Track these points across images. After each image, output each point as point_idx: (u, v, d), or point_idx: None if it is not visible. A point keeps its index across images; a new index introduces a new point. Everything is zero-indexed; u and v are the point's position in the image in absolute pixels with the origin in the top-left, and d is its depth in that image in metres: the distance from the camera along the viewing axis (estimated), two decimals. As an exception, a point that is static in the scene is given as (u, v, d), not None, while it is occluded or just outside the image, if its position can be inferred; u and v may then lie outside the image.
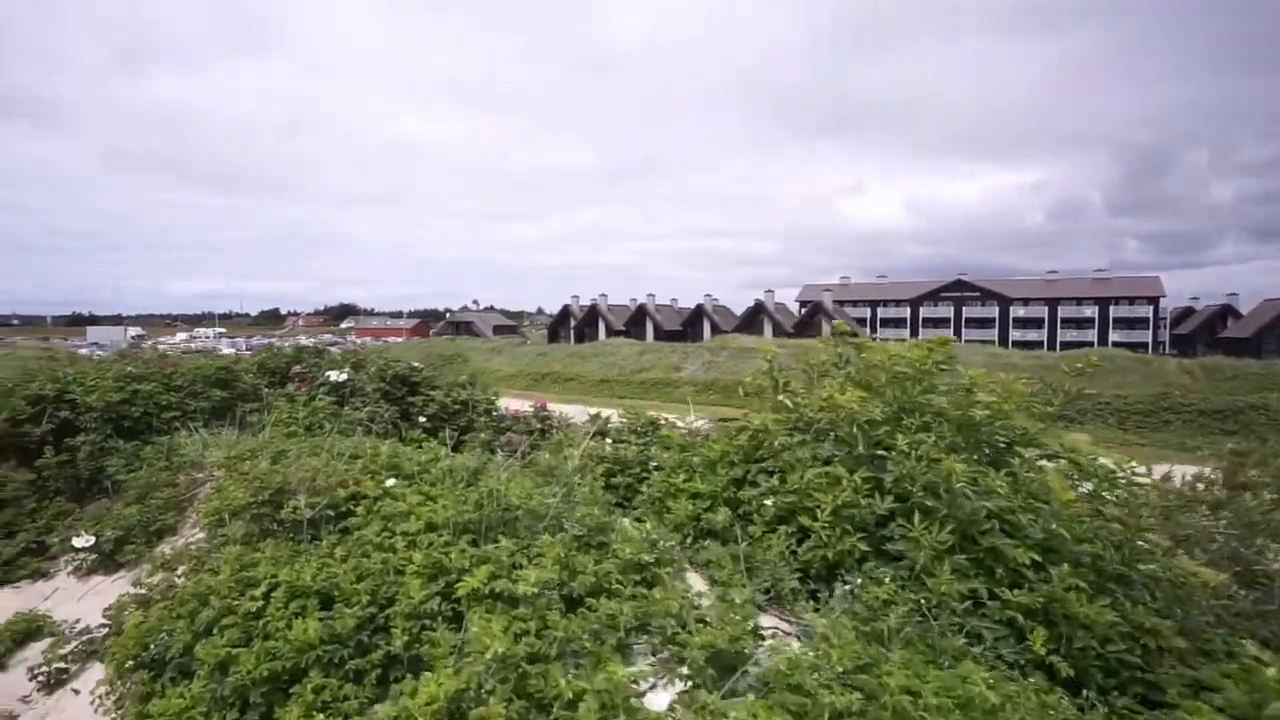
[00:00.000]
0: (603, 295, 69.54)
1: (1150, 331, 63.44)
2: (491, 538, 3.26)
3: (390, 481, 3.70)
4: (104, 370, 6.43)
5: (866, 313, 69.04)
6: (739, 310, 69.37)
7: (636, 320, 67.71)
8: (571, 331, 68.89)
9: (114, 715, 3.12)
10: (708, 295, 68.10)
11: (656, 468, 5.25)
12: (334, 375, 6.66)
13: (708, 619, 2.49)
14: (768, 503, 3.74)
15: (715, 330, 63.31)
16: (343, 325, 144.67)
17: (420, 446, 4.99)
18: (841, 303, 67.33)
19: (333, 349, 8.53)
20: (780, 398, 3.88)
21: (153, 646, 3.06)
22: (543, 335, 76.39)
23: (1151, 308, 64.81)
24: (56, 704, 3.70)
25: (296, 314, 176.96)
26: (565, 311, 72.22)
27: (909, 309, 71.45)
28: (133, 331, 55.26)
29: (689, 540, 3.64)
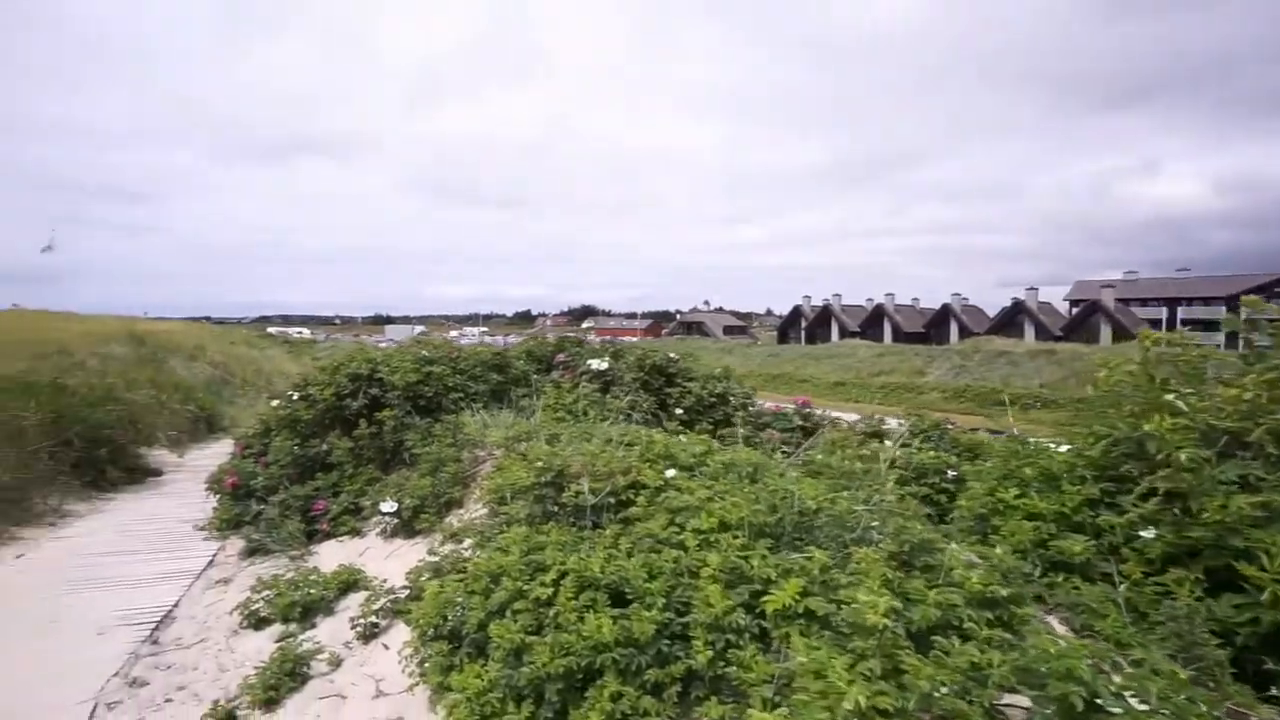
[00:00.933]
0: (836, 295, 65.91)
1: None
2: (789, 543, 2.82)
3: (670, 472, 3.43)
4: (405, 354, 7.22)
5: (1162, 313, 57.41)
6: (992, 310, 61.59)
7: (873, 321, 63.13)
8: (802, 333, 66.01)
9: (417, 678, 3.22)
10: (955, 294, 61.46)
11: (957, 478, 4.46)
12: (596, 364, 6.74)
13: (1131, 693, 1.78)
14: (1146, 534, 2.83)
15: (965, 332, 56.59)
16: (584, 325, 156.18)
17: (680, 437, 4.75)
18: (1127, 301, 56.85)
19: (590, 339, 8.78)
20: (1170, 398, 2.91)
21: (450, 618, 3.08)
22: (772, 336, 74.81)
23: None
24: (370, 655, 4.01)
25: (545, 315, 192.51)
26: (796, 312, 69.34)
27: (1224, 307, 58.05)
28: (418, 329, 64.66)
29: (1036, 572, 2.87)
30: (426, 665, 3.14)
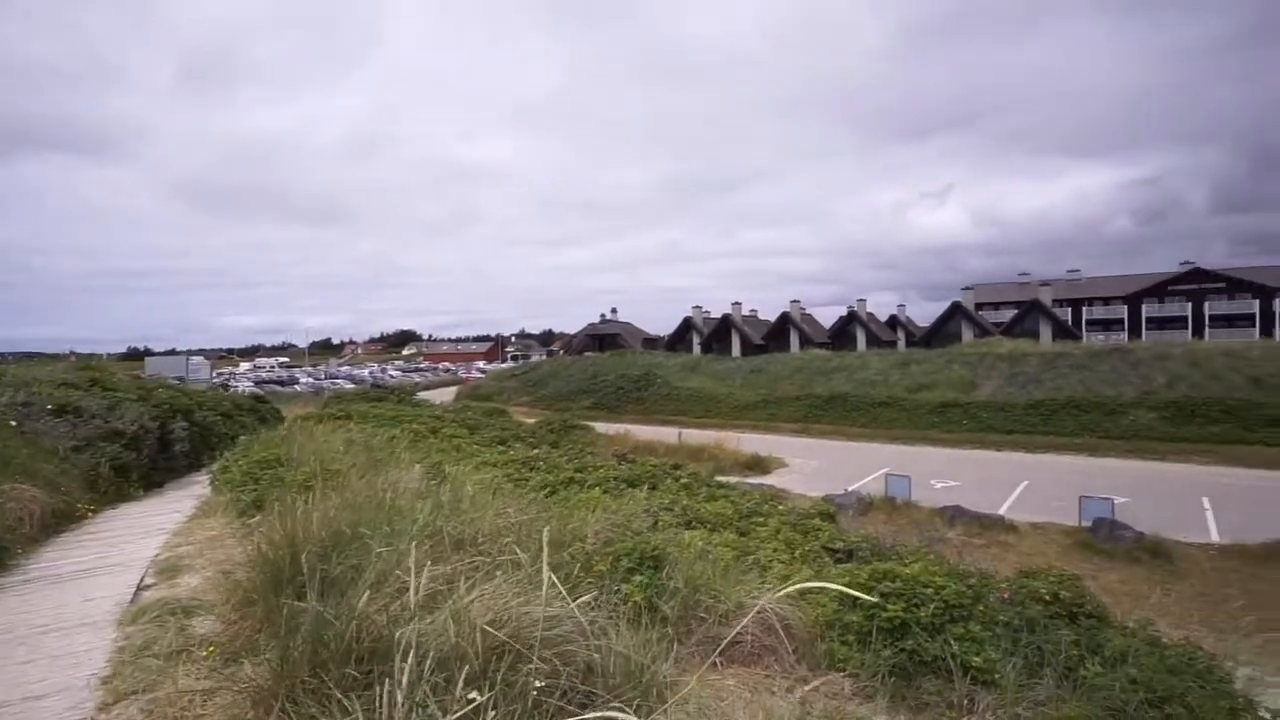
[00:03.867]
0: (736, 304, 64.14)
1: None
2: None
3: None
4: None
5: (1066, 314, 60.36)
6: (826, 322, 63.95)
7: (719, 334, 62.23)
8: (697, 346, 62.81)
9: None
10: (794, 301, 62.64)
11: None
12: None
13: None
14: None
15: (805, 341, 57.14)
16: (405, 351, 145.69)
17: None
18: (1024, 303, 59.24)
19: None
20: None
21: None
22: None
23: None
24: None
25: (354, 342, 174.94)
26: (686, 324, 66.23)
27: (1125, 308, 61.50)
28: (196, 360, 59.08)
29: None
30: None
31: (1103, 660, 4.02)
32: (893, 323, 66.92)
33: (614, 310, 76.75)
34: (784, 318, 62.40)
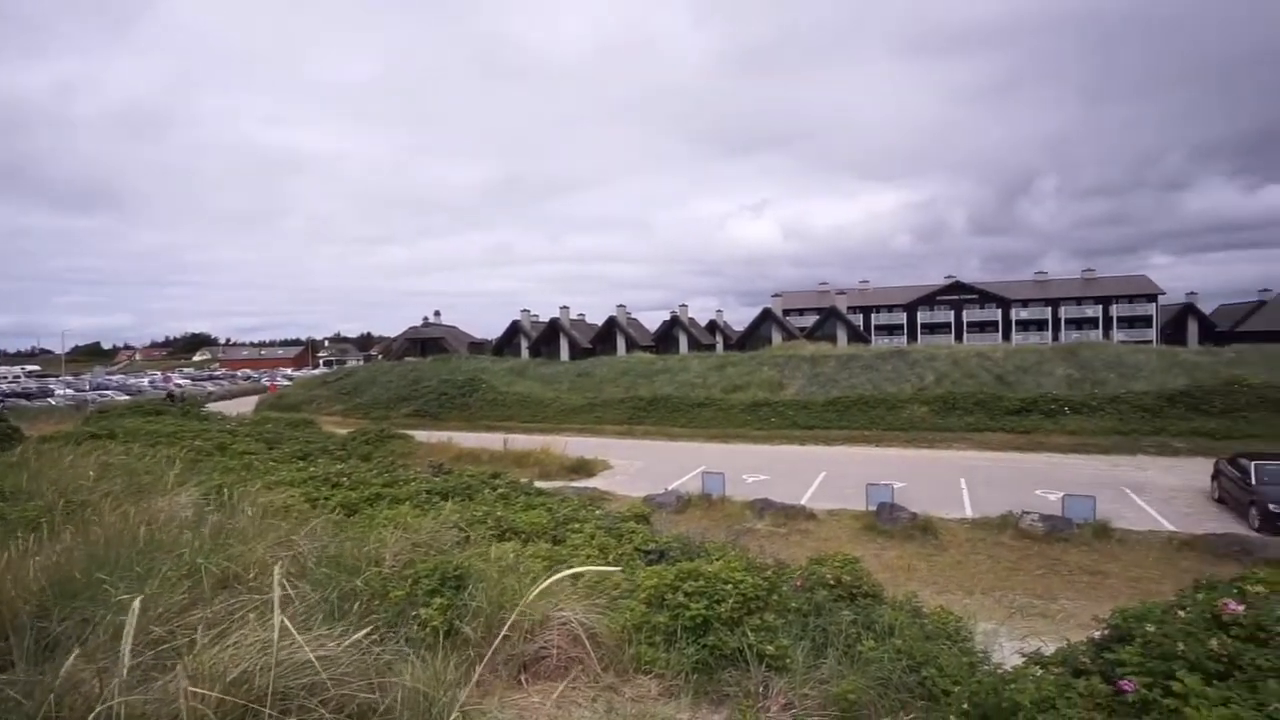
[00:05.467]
0: (564, 307, 64.68)
1: (1154, 330, 62.28)
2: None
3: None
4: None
5: (858, 320, 67.98)
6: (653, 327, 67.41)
7: (548, 338, 62.17)
8: (525, 350, 61.92)
9: None
10: (620, 306, 64.92)
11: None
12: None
13: None
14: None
15: (630, 345, 58.50)
16: (198, 358, 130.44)
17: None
18: (824, 310, 65.97)
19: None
20: None
21: None
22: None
23: (1153, 305, 63.74)
24: None
25: (131, 347, 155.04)
26: (514, 328, 64.86)
27: (905, 314, 70.48)
28: None
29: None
30: None
31: (875, 635, 4.47)
32: (712, 327, 70.80)
33: (437, 313, 73.32)
34: (611, 322, 63.57)
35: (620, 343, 60.83)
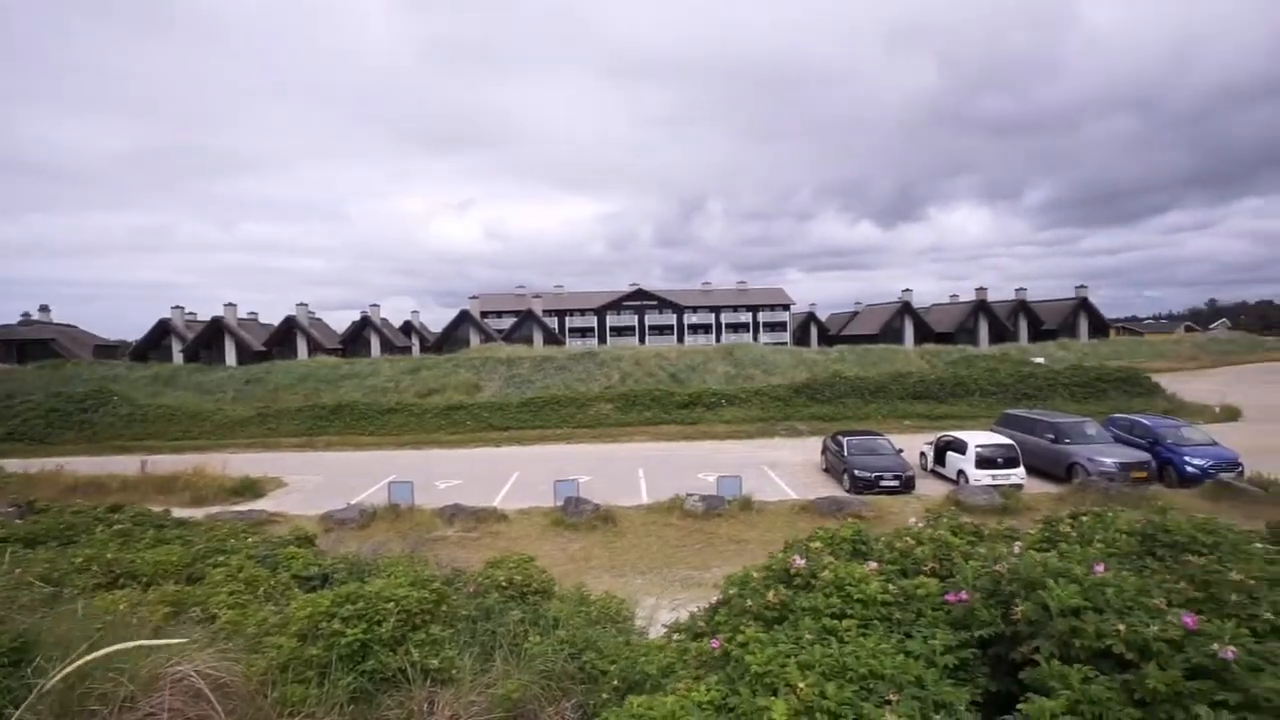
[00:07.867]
0: (230, 305, 55.55)
1: (788, 334, 76.04)
2: None
3: None
4: None
5: (554, 323, 71.15)
6: (340, 327, 63.60)
7: (209, 340, 53.80)
8: (179, 354, 52.51)
9: None
10: (301, 304, 58.58)
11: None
12: None
13: None
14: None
15: (314, 347, 54.21)
16: None
17: None
18: (521, 312, 67.87)
19: None
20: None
21: None
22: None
23: (787, 313, 77.87)
24: None
25: None
26: (163, 328, 54.22)
27: (596, 318, 75.58)
28: None
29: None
30: None
31: (540, 630, 4.69)
32: (407, 328, 67.57)
33: (44, 308, 57.24)
34: (290, 321, 56.64)
35: (301, 345, 54.60)
